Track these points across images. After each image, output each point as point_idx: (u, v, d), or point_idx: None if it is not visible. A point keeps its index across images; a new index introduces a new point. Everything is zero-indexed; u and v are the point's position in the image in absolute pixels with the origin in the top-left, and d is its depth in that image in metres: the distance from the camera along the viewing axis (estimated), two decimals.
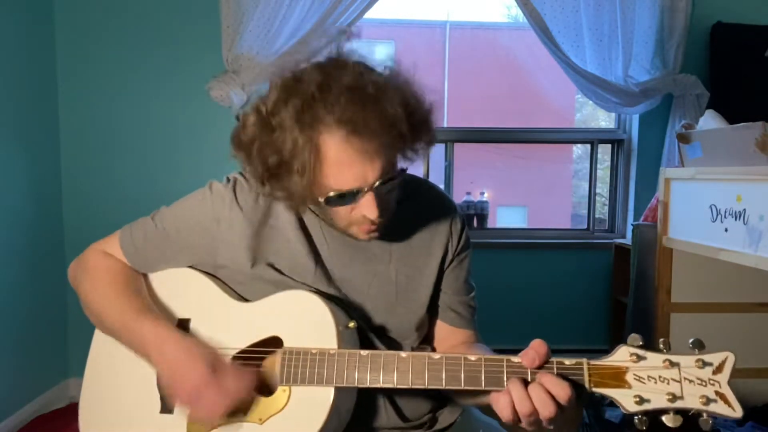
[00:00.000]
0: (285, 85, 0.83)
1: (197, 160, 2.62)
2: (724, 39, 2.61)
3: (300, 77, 0.83)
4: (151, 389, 0.97)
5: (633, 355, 0.77)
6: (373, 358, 0.86)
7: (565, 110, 8.59)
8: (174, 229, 1.01)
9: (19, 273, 2.32)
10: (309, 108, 0.79)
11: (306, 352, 0.89)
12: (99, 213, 2.57)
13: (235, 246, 0.97)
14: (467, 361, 0.83)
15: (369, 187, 0.84)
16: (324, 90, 0.79)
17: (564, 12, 2.58)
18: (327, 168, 0.82)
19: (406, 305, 1.01)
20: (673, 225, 2.14)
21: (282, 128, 0.81)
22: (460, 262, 1.06)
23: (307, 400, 0.88)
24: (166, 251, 1.02)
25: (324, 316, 0.91)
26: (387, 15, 3.67)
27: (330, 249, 0.99)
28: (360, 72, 0.82)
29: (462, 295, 1.06)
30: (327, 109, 0.79)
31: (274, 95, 0.83)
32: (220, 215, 0.98)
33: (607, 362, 0.78)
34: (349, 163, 0.81)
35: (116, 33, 2.59)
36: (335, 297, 0.98)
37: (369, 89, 0.80)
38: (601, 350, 2.80)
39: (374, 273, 1.00)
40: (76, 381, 2.64)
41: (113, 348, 1.00)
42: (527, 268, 2.85)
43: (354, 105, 0.78)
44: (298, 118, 0.80)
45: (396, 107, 0.80)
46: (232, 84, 2.48)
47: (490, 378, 0.81)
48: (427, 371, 0.84)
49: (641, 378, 0.76)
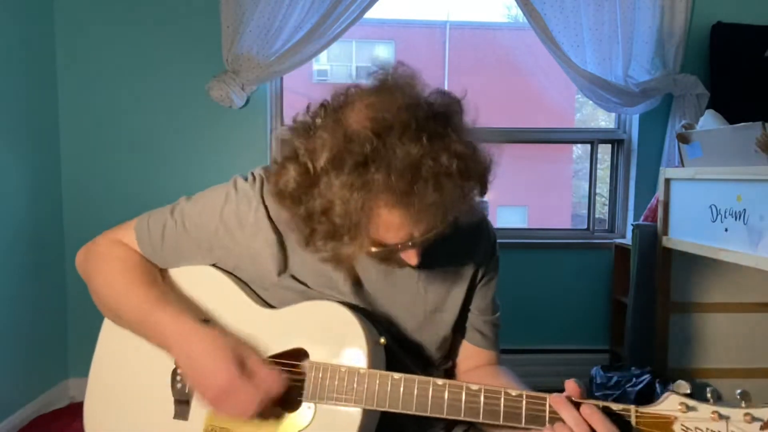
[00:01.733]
0: (335, 142, 0.75)
1: (197, 160, 2.62)
2: (724, 39, 2.61)
3: (351, 135, 0.75)
4: (164, 394, 0.94)
5: (682, 405, 0.75)
6: (407, 384, 0.83)
7: (565, 110, 8.57)
8: (194, 227, 0.96)
9: (19, 273, 2.32)
10: (363, 174, 0.73)
11: (335, 369, 0.85)
12: (99, 213, 2.57)
13: (259, 254, 0.93)
14: (508, 396, 0.80)
15: (415, 243, 0.80)
16: (381, 158, 0.73)
17: (564, 12, 2.58)
18: (375, 227, 0.78)
19: (433, 324, 0.99)
20: (673, 225, 2.15)
21: (329, 186, 0.75)
22: (489, 281, 1.05)
23: (333, 419, 0.85)
24: (185, 249, 0.97)
25: (354, 330, 0.87)
26: (387, 15, 3.67)
27: (360, 264, 0.94)
28: (415, 142, 0.73)
29: (488, 315, 1.05)
30: (381, 180, 0.73)
31: (324, 153, 0.75)
32: (245, 219, 0.93)
33: (656, 410, 0.76)
34: (399, 227, 0.78)
35: (116, 33, 2.58)
36: (364, 310, 0.94)
37: (427, 164, 0.73)
38: (601, 350, 2.81)
39: (402, 291, 0.97)
40: (76, 381, 2.63)
41: (123, 346, 0.97)
42: (527, 268, 2.85)
43: (409, 179, 0.73)
44: (352, 184, 0.73)
45: (457, 182, 0.75)
46: (232, 84, 2.48)
47: (531, 416, 0.79)
48: (464, 403, 0.81)
49: (688, 429, 0.75)
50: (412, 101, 0.78)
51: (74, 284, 2.57)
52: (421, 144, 0.74)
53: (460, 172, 0.76)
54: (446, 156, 0.75)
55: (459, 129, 0.79)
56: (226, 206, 0.94)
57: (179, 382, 0.94)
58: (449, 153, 0.75)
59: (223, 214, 0.94)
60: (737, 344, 2.23)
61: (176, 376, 0.95)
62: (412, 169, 0.73)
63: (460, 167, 0.76)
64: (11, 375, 2.29)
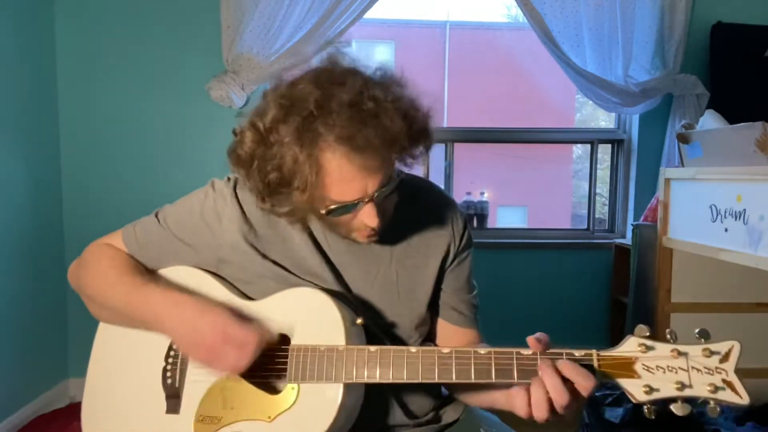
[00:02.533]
0: (282, 102, 0.82)
1: (197, 160, 2.62)
2: (724, 39, 2.61)
3: (297, 93, 0.82)
4: (156, 389, 0.97)
5: (641, 346, 0.78)
6: (382, 354, 0.86)
7: (565, 110, 8.59)
8: (177, 226, 1.01)
9: (19, 273, 2.32)
10: (309, 125, 0.79)
11: (314, 349, 0.89)
12: (99, 213, 2.57)
13: (238, 243, 0.98)
14: (477, 355, 0.83)
15: (369, 198, 0.85)
16: (323, 107, 0.79)
17: (564, 12, 2.58)
18: (329, 183, 0.82)
19: (407, 304, 1.01)
20: (673, 225, 2.14)
21: (281, 145, 0.81)
22: (461, 261, 1.06)
23: (316, 398, 0.88)
24: (169, 248, 1.02)
25: (331, 312, 0.91)
26: (387, 15, 3.68)
27: (333, 249, 1.00)
28: (358, 87, 0.81)
29: (464, 294, 1.07)
30: (327, 127, 0.79)
31: (271, 112, 0.82)
32: (222, 212, 0.98)
33: (617, 353, 0.79)
34: (351, 179, 0.82)
35: (116, 33, 2.58)
36: (341, 294, 0.98)
37: (368, 105, 0.80)
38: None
39: (375, 273, 1.00)
40: (76, 381, 2.63)
41: (116, 348, 1.00)
42: (527, 268, 2.85)
43: (354, 122, 0.78)
44: (297, 136, 0.79)
45: (396, 121, 0.81)
46: (232, 84, 2.48)
47: (500, 371, 0.82)
48: (437, 365, 0.84)
49: (650, 368, 0.77)
50: (353, 68, 0.86)
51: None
52: (365, 103, 0.80)
53: (401, 112, 0.82)
54: (384, 96, 0.81)
55: (401, 93, 0.86)
56: (206, 203, 1.00)
57: (169, 378, 0.98)
58: (387, 94, 0.82)
59: (203, 211, 1.00)
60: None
61: (166, 373, 0.98)
62: (352, 110, 0.79)
63: (399, 107, 0.82)
64: (11, 375, 2.29)
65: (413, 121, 0.84)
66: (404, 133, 0.82)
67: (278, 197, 0.86)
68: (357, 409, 0.95)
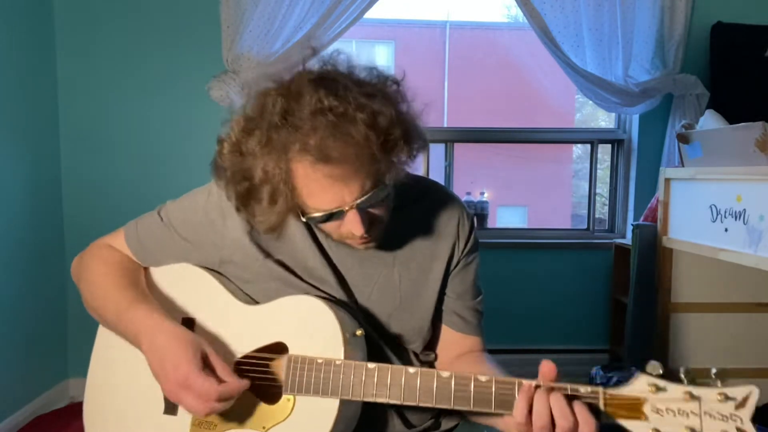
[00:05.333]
0: (250, 113, 0.82)
1: (197, 161, 2.59)
2: (724, 39, 2.61)
3: (264, 103, 0.81)
4: (154, 390, 0.96)
5: (652, 386, 0.74)
6: (380, 373, 0.85)
7: (565, 110, 8.59)
8: (180, 223, 1.00)
9: (19, 273, 2.32)
10: (275, 135, 0.78)
11: (312, 361, 0.87)
12: (99, 213, 2.57)
13: (241, 241, 0.97)
14: (477, 382, 0.81)
15: (349, 206, 0.82)
16: (286, 117, 0.78)
17: (564, 12, 2.58)
18: (304, 193, 0.81)
19: (410, 310, 1.00)
20: (673, 225, 2.15)
21: (253, 156, 0.80)
22: (467, 265, 1.03)
23: (311, 410, 0.87)
24: (172, 246, 1.01)
25: (330, 323, 0.89)
26: (387, 15, 3.67)
27: (335, 252, 0.98)
28: (324, 95, 0.78)
29: (468, 300, 1.04)
30: (291, 137, 0.77)
31: (243, 122, 0.82)
32: (227, 210, 0.96)
33: (625, 393, 0.75)
34: (321, 188, 0.80)
35: (116, 33, 2.58)
36: (343, 301, 0.96)
37: (334, 113, 0.77)
38: (601, 350, 2.81)
39: (377, 278, 0.99)
40: (76, 381, 2.63)
41: (116, 347, 1.00)
42: (527, 268, 2.85)
43: (317, 131, 0.76)
44: (266, 146, 0.79)
45: (362, 129, 0.77)
46: (232, 84, 2.48)
47: (500, 400, 0.79)
48: (436, 390, 0.82)
49: (659, 410, 0.74)
50: (327, 75, 0.83)
51: (74, 284, 2.56)
52: (327, 113, 0.77)
53: (367, 122, 0.78)
54: (352, 107, 0.78)
55: (382, 93, 0.82)
56: (209, 200, 0.99)
57: None
58: (358, 101, 0.78)
59: (207, 208, 0.99)
60: (737, 344, 2.23)
61: None
62: (315, 120, 0.77)
63: (366, 118, 0.78)
64: (11, 375, 2.29)
65: (391, 125, 0.80)
66: (373, 141, 0.78)
67: (252, 207, 0.84)
68: (355, 421, 0.93)
